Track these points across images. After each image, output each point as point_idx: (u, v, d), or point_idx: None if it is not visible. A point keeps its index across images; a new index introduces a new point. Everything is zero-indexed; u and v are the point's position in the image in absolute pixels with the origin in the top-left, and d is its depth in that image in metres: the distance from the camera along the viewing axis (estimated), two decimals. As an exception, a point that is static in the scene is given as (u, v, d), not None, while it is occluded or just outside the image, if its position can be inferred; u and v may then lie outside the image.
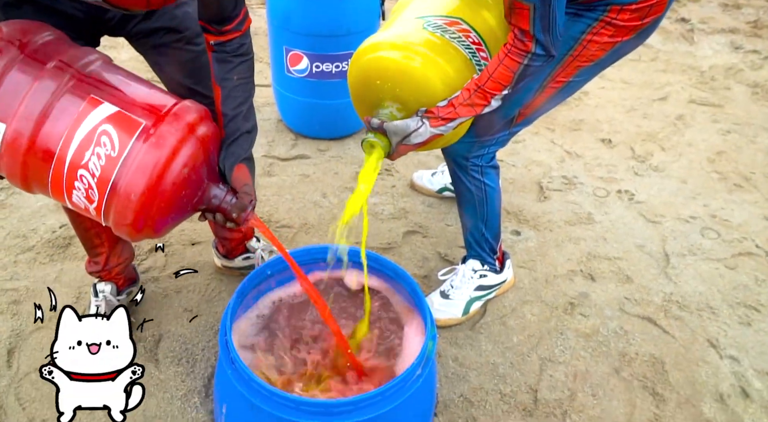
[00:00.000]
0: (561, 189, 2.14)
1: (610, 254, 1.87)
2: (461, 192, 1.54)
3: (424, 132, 1.18)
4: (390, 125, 1.19)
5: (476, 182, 1.50)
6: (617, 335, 1.61)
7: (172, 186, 1.04)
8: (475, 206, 1.53)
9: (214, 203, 1.14)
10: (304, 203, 2.03)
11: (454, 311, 1.59)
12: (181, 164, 1.04)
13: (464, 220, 1.58)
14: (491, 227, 1.56)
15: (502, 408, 1.42)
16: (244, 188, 1.14)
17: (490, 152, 1.47)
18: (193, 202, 1.11)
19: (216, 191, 1.14)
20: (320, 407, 1.12)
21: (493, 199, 1.52)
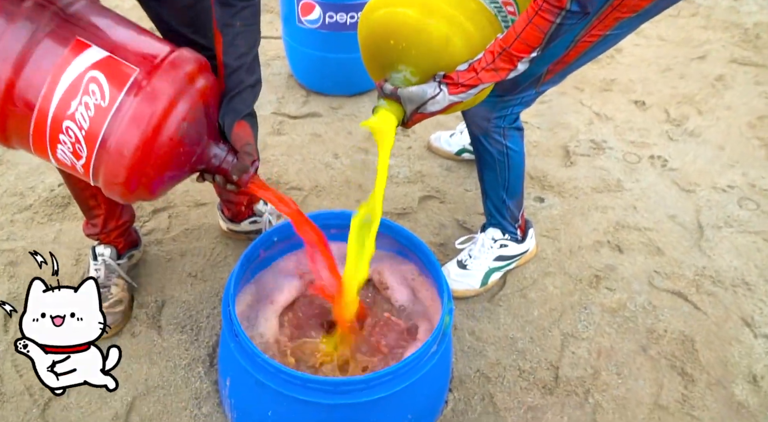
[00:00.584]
0: (589, 154, 2.01)
1: (639, 224, 1.76)
2: (482, 156, 1.42)
3: (441, 100, 1.07)
4: (405, 91, 1.07)
5: (498, 145, 1.38)
6: (645, 310, 1.51)
7: (170, 142, 0.94)
8: (497, 172, 1.41)
9: (213, 163, 1.05)
10: (315, 164, 1.93)
11: (472, 282, 1.50)
12: (179, 117, 0.94)
13: (484, 186, 1.47)
14: (513, 194, 1.45)
15: (520, 385, 1.34)
16: (246, 148, 1.04)
17: (514, 113, 1.35)
18: (191, 161, 1.01)
19: (216, 150, 1.05)
20: (330, 385, 1.05)
21: (517, 164, 1.41)
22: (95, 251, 1.48)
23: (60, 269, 1.55)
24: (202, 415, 1.27)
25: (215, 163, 1.04)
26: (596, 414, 1.29)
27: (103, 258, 1.47)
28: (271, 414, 1.11)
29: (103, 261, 1.47)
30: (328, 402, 1.05)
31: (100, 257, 1.47)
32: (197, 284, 1.55)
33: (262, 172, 1.88)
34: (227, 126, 1.06)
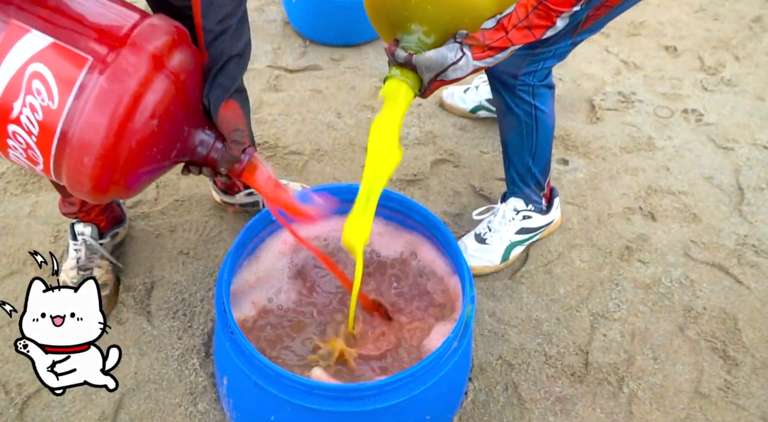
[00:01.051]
0: (616, 108, 1.82)
1: (673, 187, 1.60)
2: (505, 117, 1.25)
3: (465, 66, 0.90)
4: (421, 58, 0.90)
5: (525, 105, 1.21)
6: (682, 286, 1.38)
7: (138, 144, 0.78)
8: (522, 136, 1.24)
9: (200, 154, 0.89)
10: (316, 124, 1.75)
11: (492, 257, 1.35)
12: (146, 114, 0.77)
13: (507, 151, 1.31)
14: (540, 160, 1.29)
15: (546, 373, 1.22)
16: (234, 135, 0.87)
17: (545, 68, 1.17)
18: (170, 156, 0.85)
19: (202, 136, 0.88)
20: (339, 392, 0.93)
21: (546, 126, 1.24)
22: (74, 230, 1.33)
23: (38, 247, 1.42)
24: (198, 413, 1.16)
25: (202, 153, 0.88)
26: (632, 405, 1.17)
27: (83, 238, 1.32)
28: (274, 419, 1.00)
29: (83, 241, 1.32)
30: (337, 410, 0.93)
31: (80, 236, 1.32)
32: (189, 263, 1.41)
33: (258, 134, 1.71)
34: (212, 108, 0.88)
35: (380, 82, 1.89)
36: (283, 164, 1.63)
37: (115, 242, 1.39)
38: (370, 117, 1.77)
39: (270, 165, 0.95)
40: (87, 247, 1.32)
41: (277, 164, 1.63)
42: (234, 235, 1.46)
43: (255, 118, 1.76)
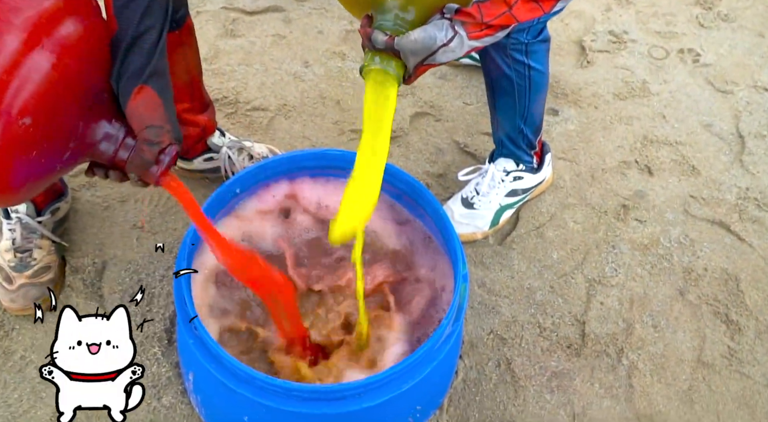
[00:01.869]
0: (608, 50, 1.68)
1: (670, 137, 1.49)
2: (495, 79, 1.10)
3: (458, 47, 0.74)
4: (405, 41, 0.73)
5: (518, 65, 1.06)
6: (681, 245, 1.29)
7: (5, 151, 0.61)
8: (514, 98, 1.10)
9: (104, 152, 0.71)
10: (281, 75, 1.57)
11: (480, 223, 1.24)
12: (13, 112, 0.59)
13: (496, 115, 1.17)
14: (532, 121, 1.15)
15: (541, 346, 1.14)
16: (147, 134, 0.69)
17: (541, 22, 1.02)
18: (62, 157, 0.68)
19: (106, 130, 0.70)
20: (319, 393, 0.82)
21: (539, 86, 1.10)
22: (6, 208, 1.16)
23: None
24: (162, 407, 1.05)
25: (107, 151, 0.70)
26: (631, 378, 1.10)
27: (17, 216, 1.16)
28: (248, 420, 0.89)
29: (18, 220, 1.16)
30: (317, 412, 0.82)
31: (14, 214, 1.16)
32: (145, 238, 1.26)
33: (216, 87, 1.52)
34: (121, 96, 0.71)
35: (351, 25, 1.70)
36: (245, 122, 1.46)
37: (57, 218, 1.22)
38: (341, 66, 1.60)
39: None
40: (23, 226, 1.16)
41: (239, 123, 1.46)
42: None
43: (211, 69, 1.56)
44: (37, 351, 1.10)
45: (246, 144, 1.31)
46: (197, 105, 1.21)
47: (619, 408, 1.06)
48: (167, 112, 0.72)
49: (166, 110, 0.72)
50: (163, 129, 0.70)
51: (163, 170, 0.72)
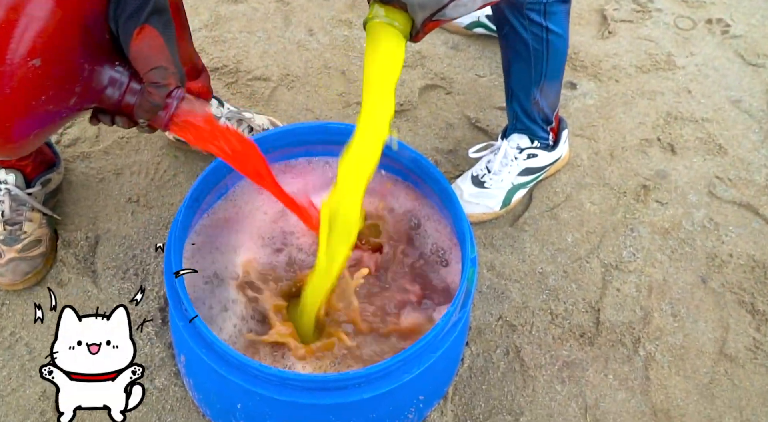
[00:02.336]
0: (631, 19, 1.58)
1: (695, 113, 1.40)
2: (509, 43, 1.02)
3: (470, 1, 0.67)
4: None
5: (535, 27, 0.98)
6: (705, 230, 1.21)
7: (15, 93, 0.57)
8: (530, 64, 1.02)
9: (110, 98, 0.67)
10: (284, 43, 1.50)
11: (491, 203, 1.17)
12: (22, 53, 0.56)
13: (510, 83, 1.09)
14: (549, 92, 1.07)
15: (552, 334, 1.08)
16: (152, 75, 0.65)
17: None
18: (68, 103, 0.63)
19: (111, 75, 0.66)
20: (317, 383, 0.77)
21: (558, 52, 1.02)
22: (-6, 178, 1.11)
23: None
24: (155, 389, 1.00)
25: (113, 97, 0.66)
26: (648, 370, 1.04)
27: (6, 187, 1.11)
28: (241, 407, 0.85)
29: (6, 191, 1.11)
30: (314, 402, 0.77)
31: (2, 184, 1.11)
32: (140, 212, 1.21)
33: (216, 56, 1.45)
34: (122, 36, 0.66)
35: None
36: (246, 93, 1.39)
37: (48, 189, 1.17)
38: (347, 34, 1.52)
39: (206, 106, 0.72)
40: (12, 198, 1.11)
41: (240, 93, 1.39)
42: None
43: (211, 36, 1.49)
44: (27, 327, 1.06)
45: (246, 115, 1.25)
46: (188, 70, 1.14)
47: (635, 401, 1.01)
48: (170, 52, 0.67)
49: (170, 51, 0.67)
50: (168, 71, 0.66)
51: (171, 115, 0.69)
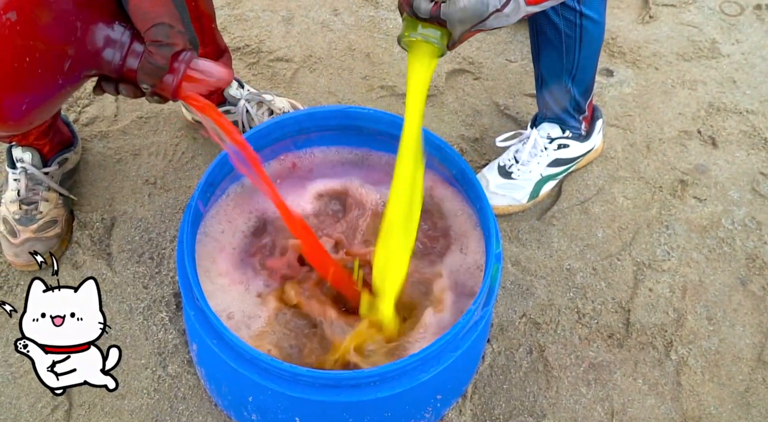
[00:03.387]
0: (674, 3, 1.50)
1: (740, 104, 1.32)
2: (540, 27, 0.96)
3: (513, 12, 0.65)
4: (452, 9, 0.63)
5: (568, 12, 0.92)
6: (746, 229, 1.15)
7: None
8: (561, 52, 0.96)
9: (109, 62, 0.62)
10: (308, 23, 1.45)
11: (518, 195, 1.12)
12: None
13: (541, 70, 1.03)
14: (582, 80, 1.01)
15: (579, 334, 1.03)
16: (154, 33, 0.59)
17: None
18: (62, 68, 0.58)
19: (108, 34, 0.60)
20: (331, 380, 0.74)
21: (593, 39, 0.96)
22: (12, 156, 1.10)
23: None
24: (167, 376, 0.98)
25: (112, 61, 0.61)
26: (680, 375, 0.98)
27: (23, 166, 1.09)
28: (252, 400, 0.82)
29: (23, 170, 1.09)
30: (327, 400, 0.74)
31: (19, 163, 1.09)
32: (157, 194, 1.19)
33: (238, 35, 1.41)
34: None
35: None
36: (267, 74, 1.35)
37: (65, 169, 1.15)
38: (373, 15, 1.46)
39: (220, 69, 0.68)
40: (28, 177, 1.09)
41: (261, 74, 1.35)
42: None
43: (234, 14, 1.45)
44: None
45: (266, 98, 1.21)
46: (210, 51, 1.10)
47: (664, 407, 0.96)
48: (178, 9, 0.61)
49: (176, 6, 0.61)
50: (173, 29, 0.60)
51: (179, 80, 0.62)
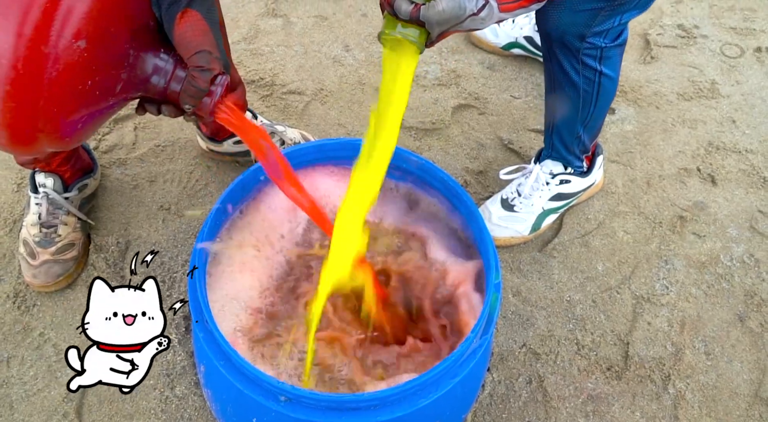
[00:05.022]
0: (675, 45, 1.54)
1: (739, 144, 1.35)
2: (558, 84, 1.00)
3: (487, 16, 0.68)
4: (432, 11, 0.67)
5: (588, 71, 0.96)
6: (744, 265, 1.17)
7: (62, 76, 0.58)
8: (578, 106, 1.00)
9: (155, 86, 0.68)
10: (320, 58, 1.51)
11: (520, 228, 1.15)
12: (69, 33, 0.57)
13: (554, 119, 1.07)
14: (593, 127, 1.06)
15: (578, 366, 1.05)
16: (197, 59, 0.65)
17: (623, 23, 0.91)
18: (114, 90, 0.65)
19: (155, 62, 0.67)
20: (333, 402, 0.76)
21: (608, 94, 1.00)
22: (35, 181, 1.15)
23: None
24: (174, 397, 1.01)
25: (158, 85, 0.67)
26: (678, 409, 1.00)
27: (45, 191, 1.14)
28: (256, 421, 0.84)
29: (45, 194, 1.14)
30: (327, 423, 0.76)
31: (42, 188, 1.14)
32: (170, 220, 1.23)
33: (253, 68, 1.48)
34: (165, 20, 0.67)
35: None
36: (280, 106, 1.41)
37: (84, 195, 1.20)
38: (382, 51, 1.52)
39: None
40: (49, 201, 1.14)
41: (274, 106, 1.41)
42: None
43: (250, 49, 1.52)
44: (56, 328, 1.08)
45: (278, 128, 1.26)
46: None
47: (661, 441, 0.97)
48: (215, 37, 0.68)
49: (214, 35, 0.68)
50: (213, 55, 0.66)
51: (216, 101, 0.68)
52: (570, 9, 0.87)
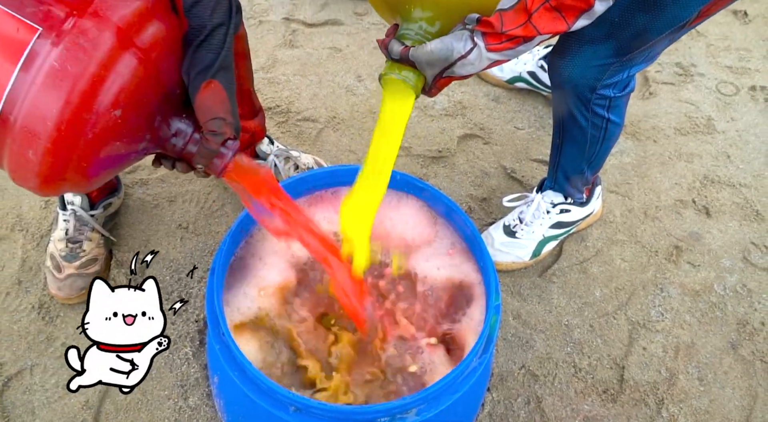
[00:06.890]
0: (673, 82, 1.61)
1: (733, 178, 1.41)
2: (568, 129, 1.06)
3: (477, 60, 0.71)
4: (420, 52, 0.72)
5: (597, 119, 1.02)
6: (737, 295, 1.21)
7: (96, 138, 0.65)
8: (584, 148, 1.07)
9: (174, 146, 0.74)
10: (334, 87, 1.59)
11: (521, 253, 1.20)
12: (107, 103, 0.63)
13: (560, 159, 1.13)
14: (596, 165, 1.12)
15: (575, 388, 1.09)
16: (211, 125, 0.72)
17: (631, 75, 0.98)
18: (137, 148, 0.71)
19: (177, 126, 0.73)
20: (341, 413, 0.81)
21: (613, 136, 1.07)
22: (64, 198, 1.22)
23: (27, 213, 1.32)
24: (188, 407, 1.06)
25: (177, 145, 0.73)
26: (670, 432, 1.04)
27: (73, 208, 1.21)
28: (265, 431, 0.89)
29: (72, 212, 1.21)
30: (334, 433, 0.81)
31: (69, 205, 1.21)
32: (188, 238, 1.29)
33: (270, 96, 1.55)
34: (192, 88, 0.73)
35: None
36: (295, 132, 1.48)
37: (108, 213, 1.27)
38: (395, 82, 1.60)
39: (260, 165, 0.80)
40: (77, 218, 1.21)
41: (289, 132, 1.48)
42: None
43: (267, 77, 1.60)
44: (78, 339, 1.13)
45: (293, 154, 1.33)
46: (247, 111, 1.23)
47: (654, 462, 1.01)
48: (231, 105, 0.74)
49: (231, 104, 0.74)
50: (225, 121, 0.72)
51: (226, 163, 0.74)
52: (582, 64, 0.92)
